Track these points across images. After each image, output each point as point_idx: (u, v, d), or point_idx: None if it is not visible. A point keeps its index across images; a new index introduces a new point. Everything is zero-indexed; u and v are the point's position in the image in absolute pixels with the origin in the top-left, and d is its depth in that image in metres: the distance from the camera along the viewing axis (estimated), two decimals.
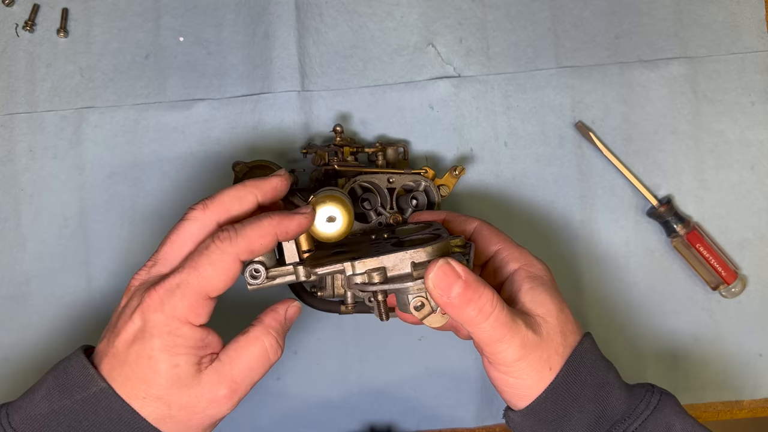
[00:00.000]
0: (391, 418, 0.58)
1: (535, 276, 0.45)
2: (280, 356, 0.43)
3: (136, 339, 0.40)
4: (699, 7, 0.59)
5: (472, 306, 0.40)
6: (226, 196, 0.43)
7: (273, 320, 0.43)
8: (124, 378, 0.40)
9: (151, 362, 0.39)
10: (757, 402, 0.59)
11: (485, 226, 0.49)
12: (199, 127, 0.57)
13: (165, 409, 0.40)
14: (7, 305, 0.56)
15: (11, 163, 0.56)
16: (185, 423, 0.41)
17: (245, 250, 0.41)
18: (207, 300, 0.40)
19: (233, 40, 0.57)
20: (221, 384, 0.41)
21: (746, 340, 0.59)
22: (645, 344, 0.58)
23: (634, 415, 0.43)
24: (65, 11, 0.57)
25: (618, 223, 0.58)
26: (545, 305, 0.43)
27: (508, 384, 0.43)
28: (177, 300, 0.39)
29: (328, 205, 0.45)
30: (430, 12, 0.58)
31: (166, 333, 0.39)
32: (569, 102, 0.58)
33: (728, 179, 0.58)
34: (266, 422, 0.57)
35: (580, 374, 0.43)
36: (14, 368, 0.56)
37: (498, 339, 0.41)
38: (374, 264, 0.41)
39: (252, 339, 0.42)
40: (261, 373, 0.42)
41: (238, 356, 0.42)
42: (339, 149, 0.53)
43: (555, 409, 0.42)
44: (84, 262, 0.56)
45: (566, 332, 0.43)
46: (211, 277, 0.40)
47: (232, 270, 0.40)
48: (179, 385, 0.40)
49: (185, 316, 0.40)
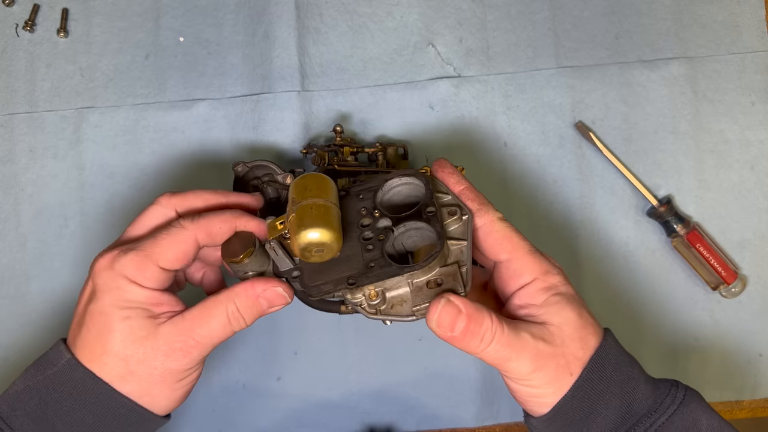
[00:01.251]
0: (391, 418, 0.58)
1: (551, 286, 0.44)
2: (243, 327, 0.44)
3: (90, 300, 0.42)
4: (699, 7, 0.59)
5: (475, 338, 0.41)
6: (192, 195, 0.46)
7: (242, 290, 0.43)
8: (83, 340, 0.42)
9: (104, 317, 0.41)
10: (757, 402, 0.59)
11: (495, 226, 0.44)
12: (199, 127, 0.57)
13: (123, 365, 0.41)
14: (7, 305, 0.56)
15: (11, 163, 0.56)
16: (147, 379, 0.42)
17: (204, 230, 0.43)
18: (155, 266, 0.42)
19: (233, 40, 0.57)
20: (179, 338, 0.42)
21: (746, 340, 0.59)
22: (645, 344, 0.58)
23: (661, 410, 0.42)
24: (65, 11, 0.57)
25: (618, 223, 0.58)
26: (562, 314, 0.43)
27: (529, 394, 0.43)
28: (127, 260, 0.41)
29: (307, 234, 0.40)
30: (430, 12, 0.58)
31: (114, 289, 0.41)
32: (569, 102, 0.58)
33: (728, 179, 0.58)
34: (266, 422, 0.57)
35: (605, 371, 0.43)
36: (14, 368, 0.56)
37: (505, 359, 0.41)
38: (371, 289, 0.42)
39: (218, 302, 0.43)
40: (222, 336, 0.43)
41: (200, 315, 0.43)
42: (339, 149, 0.53)
43: (581, 408, 0.42)
44: (84, 262, 0.56)
45: (586, 336, 0.43)
46: (164, 245, 0.42)
47: (186, 243, 0.43)
48: (133, 338, 0.41)
49: (133, 276, 0.42)
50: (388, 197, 0.47)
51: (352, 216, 0.45)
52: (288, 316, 0.57)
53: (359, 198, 0.45)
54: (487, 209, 0.45)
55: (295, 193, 0.42)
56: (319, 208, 0.41)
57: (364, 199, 0.45)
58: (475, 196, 0.45)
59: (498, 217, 0.45)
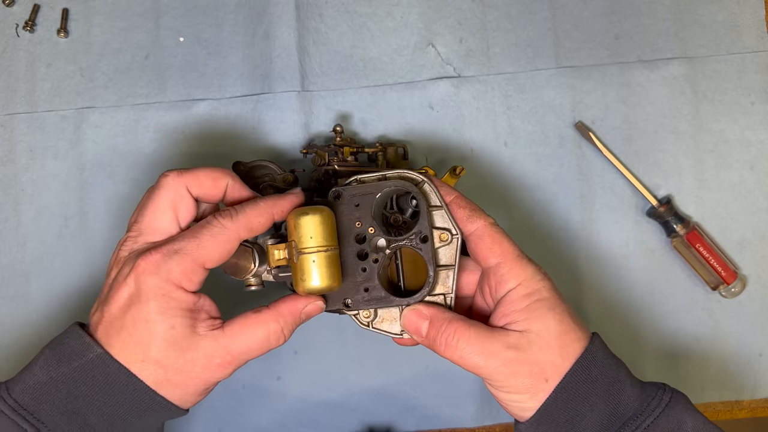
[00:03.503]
0: (391, 417, 0.58)
1: (533, 292, 0.44)
2: (282, 344, 0.44)
3: (132, 303, 0.41)
4: (699, 7, 0.59)
5: (440, 341, 0.43)
6: (201, 172, 0.44)
7: (287, 309, 0.44)
8: (122, 343, 0.41)
9: (149, 325, 0.40)
10: (757, 402, 0.59)
11: (487, 231, 0.45)
12: (199, 127, 0.57)
13: (162, 372, 0.41)
14: (7, 305, 0.56)
15: (11, 163, 0.57)
16: (181, 386, 0.42)
17: (245, 227, 0.43)
18: (201, 269, 0.42)
19: (233, 40, 0.57)
20: (217, 353, 0.42)
21: (746, 340, 0.59)
22: (645, 344, 0.58)
23: (647, 413, 0.43)
24: (65, 11, 0.57)
25: (618, 223, 0.58)
26: (542, 320, 0.43)
27: (509, 399, 0.44)
28: (173, 264, 0.41)
29: (311, 285, 0.43)
30: (430, 12, 0.58)
31: (161, 296, 0.40)
32: (569, 102, 0.58)
33: (728, 179, 0.58)
34: (266, 422, 0.57)
35: (590, 374, 0.43)
36: (14, 368, 0.56)
37: (477, 365, 0.43)
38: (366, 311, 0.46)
39: (260, 321, 0.43)
40: (258, 354, 0.44)
41: (241, 332, 0.43)
42: (339, 149, 0.53)
43: (566, 410, 0.42)
44: (84, 262, 0.56)
45: (567, 342, 0.43)
46: (210, 248, 0.41)
47: (230, 243, 0.42)
48: (176, 348, 0.41)
49: (179, 281, 0.41)
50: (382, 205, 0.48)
51: (346, 225, 0.46)
52: None
53: (355, 206, 0.46)
54: (478, 215, 0.45)
55: (296, 236, 0.43)
56: (321, 260, 0.42)
57: (360, 207, 0.46)
58: (465, 203, 0.46)
59: (490, 222, 0.45)
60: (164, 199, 0.43)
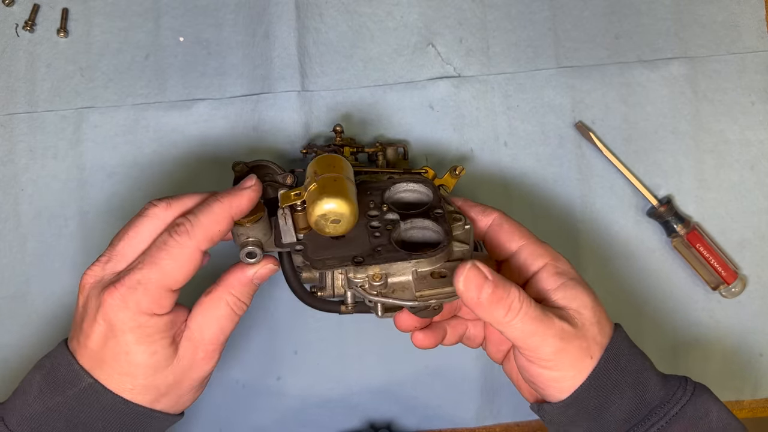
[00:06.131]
0: (391, 417, 0.58)
1: (563, 271, 0.45)
2: (246, 309, 0.44)
3: (107, 339, 0.40)
4: (699, 7, 0.59)
5: (502, 305, 0.41)
6: (189, 200, 0.44)
7: (235, 279, 0.44)
8: (107, 375, 0.41)
9: (129, 357, 0.40)
10: (757, 402, 0.59)
11: (504, 220, 0.47)
12: (199, 127, 0.57)
13: (155, 391, 0.41)
14: (7, 305, 0.56)
15: (11, 163, 0.56)
16: (176, 396, 0.43)
17: (204, 240, 0.41)
18: (169, 292, 0.41)
19: (233, 40, 0.57)
20: (197, 349, 0.42)
21: (746, 340, 0.59)
22: (645, 344, 0.58)
23: (673, 401, 0.43)
24: (65, 11, 0.57)
25: (618, 223, 0.58)
26: (580, 298, 0.44)
27: (551, 378, 0.43)
28: (140, 296, 0.40)
29: (327, 203, 0.41)
30: (430, 12, 0.58)
31: (135, 327, 0.40)
32: (569, 102, 0.58)
33: (728, 179, 0.58)
34: (266, 422, 0.57)
35: (619, 361, 0.43)
36: (14, 368, 0.56)
37: (531, 333, 0.41)
38: (376, 270, 0.42)
39: (215, 299, 0.43)
40: (231, 328, 0.44)
41: (205, 320, 0.43)
42: (339, 149, 0.53)
43: (597, 396, 0.43)
44: (84, 262, 0.56)
45: (602, 322, 0.44)
46: (172, 272, 0.41)
47: (192, 262, 0.41)
48: (162, 369, 0.41)
49: (150, 309, 0.40)
50: (395, 198, 0.49)
51: (360, 206, 0.45)
52: (288, 315, 0.57)
53: (367, 193, 0.47)
54: (491, 210, 0.48)
55: (318, 167, 0.43)
56: (341, 181, 0.42)
57: (372, 195, 0.47)
58: (475, 203, 0.49)
59: (503, 213, 0.48)
60: (146, 229, 0.42)
